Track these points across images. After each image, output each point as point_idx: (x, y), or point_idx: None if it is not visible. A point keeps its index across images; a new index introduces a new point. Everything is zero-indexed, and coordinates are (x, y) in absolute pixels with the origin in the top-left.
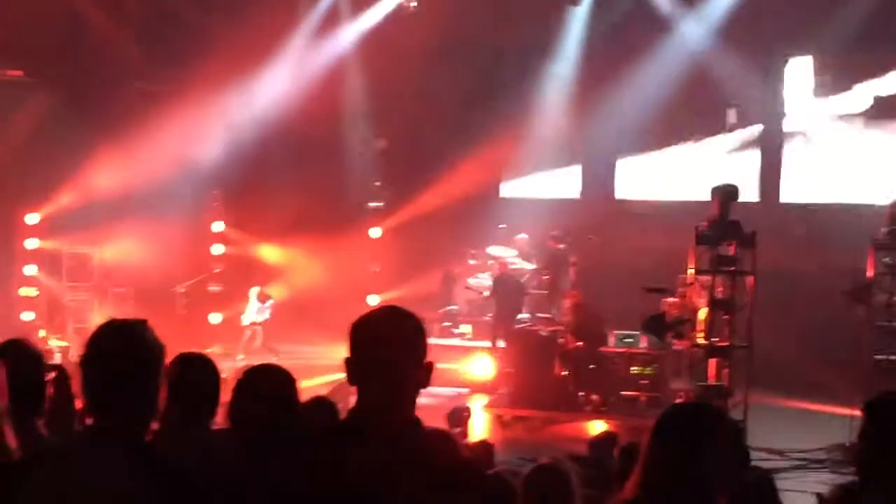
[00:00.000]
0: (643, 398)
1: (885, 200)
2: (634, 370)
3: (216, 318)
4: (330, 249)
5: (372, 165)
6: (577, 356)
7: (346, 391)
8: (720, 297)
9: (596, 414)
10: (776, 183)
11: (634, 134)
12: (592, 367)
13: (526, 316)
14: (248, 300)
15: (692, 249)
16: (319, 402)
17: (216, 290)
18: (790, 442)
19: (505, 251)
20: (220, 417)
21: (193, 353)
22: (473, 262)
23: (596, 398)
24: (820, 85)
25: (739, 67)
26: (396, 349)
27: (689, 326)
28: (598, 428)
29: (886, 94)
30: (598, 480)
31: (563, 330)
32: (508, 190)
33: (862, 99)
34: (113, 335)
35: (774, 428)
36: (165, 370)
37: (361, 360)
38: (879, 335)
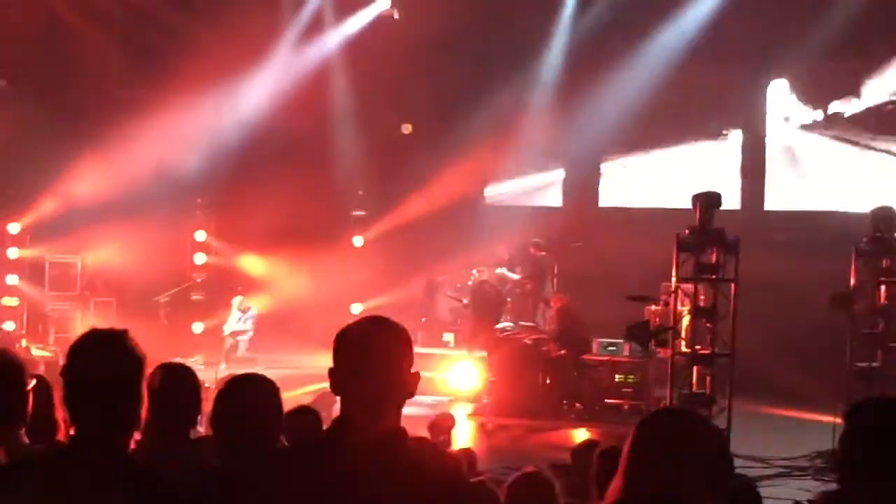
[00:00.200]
0: (626, 406)
1: (867, 208)
2: (618, 378)
3: (199, 327)
4: (313, 258)
5: (355, 174)
6: (560, 364)
7: (329, 400)
8: (703, 304)
9: (579, 422)
10: (760, 190)
11: (617, 141)
12: (576, 374)
13: (509, 324)
14: (230, 309)
15: (674, 257)
16: (303, 411)
17: (199, 299)
18: (774, 450)
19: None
20: (202, 426)
21: (174, 362)
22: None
23: (579, 406)
24: (803, 92)
25: (721, 74)
26: (381, 359)
27: (672, 334)
28: (581, 436)
29: (870, 102)
30: (580, 488)
31: (546, 338)
32: (492, 198)
33: (845, 107)
34: (94, 345)
35: (758, 436)
36: (147, 380)
37: (345, 369)
38: (861, 343)
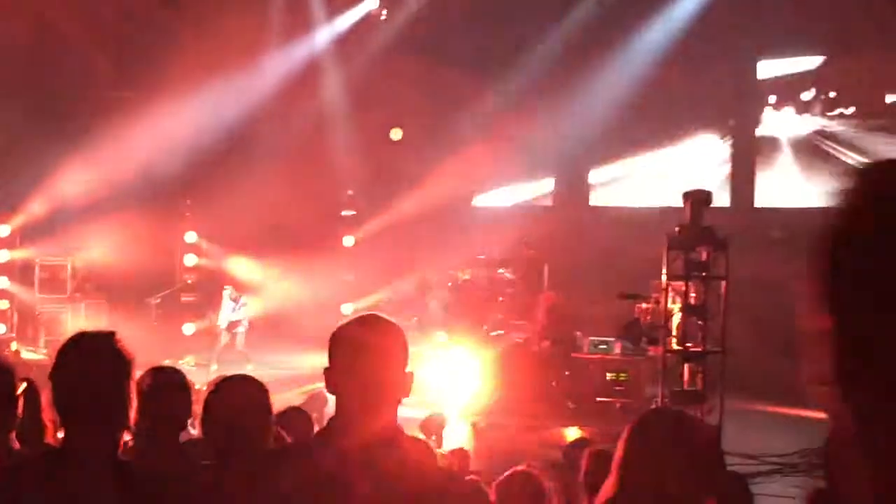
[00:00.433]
0: (618, 404)
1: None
2: (609, 376)
3: (190, 328)
4: (303, 259)
5: (344, 174)
6: (551, 363)
7: (321, 401)
8: (693, 302)
9: (571, 421)
10: (750, 187)
11: (607, 140)
12: (567, 373)
13: (499, 332)
14: (221, 303)
15: (665, 255)
16: (294, 411)
17: (189, 300)
18: (765, 446)
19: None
20: (194, 428)
21: (165, 365)
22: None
23: (571, 405)
24: (792, 89)
25: (711, 72)
26: (376, 358)
27: (663, 332)
28: (573, 435)
29: (858, 99)
30: (572, 487)
31: (536, 336)
32: (482, 198)
33: (835, 102)
34: (82, 347)
35: (749, 432)
36: (137, 383)
37: (340, 369)
38: None
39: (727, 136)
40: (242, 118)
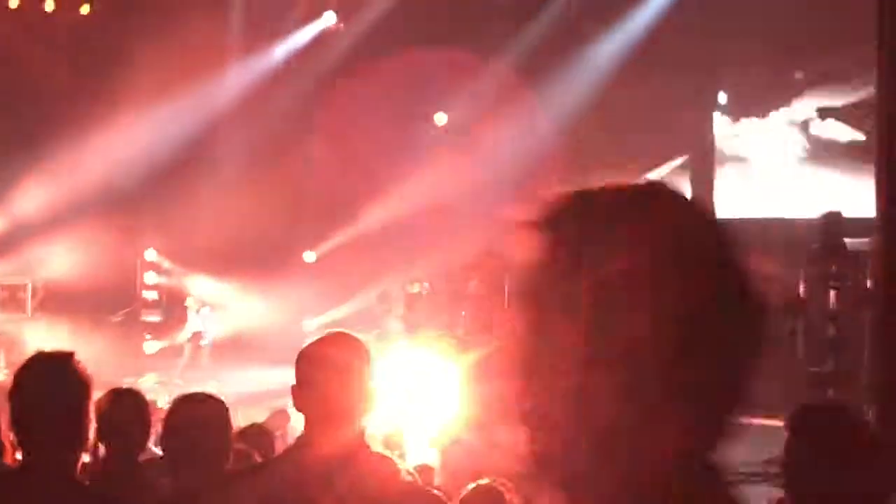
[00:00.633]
0: None
1: (816, 214)
2: None
3: (151, 346)
4: (264, 275)
5: (305, 188)
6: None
7: (283, 418)
8: None
9: None
10: (710, 199)
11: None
12: None
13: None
14: (184, 318)
15: None
16: (256, 429)
17: (151, 318)
18: (728, 456)
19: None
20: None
21: (124, 387)
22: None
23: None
24: (749, 100)
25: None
26: (339, 375)
27: None
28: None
29: (819, 107)
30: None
31: (501, 346)
32: (448, 208)
33: (792, 114)
34: (40, 368)
35: None
36: (95, 404)
37: (305, 386)
38: (813, 347)
39: (687, 148)
40: (201, 132)
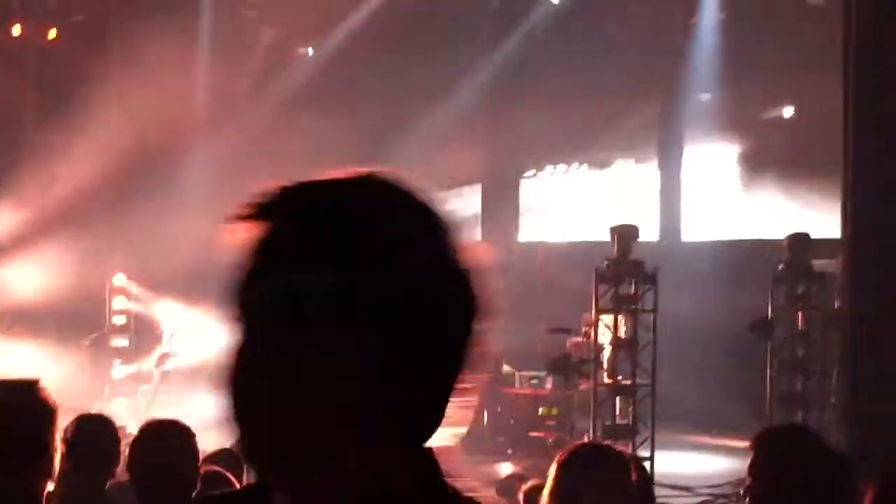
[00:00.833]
0: (551, 439)
1: (782, 235)
2: (541, 411)
3: (120, 372)
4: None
5: None
6: (482, 398)
7: None
8: (623, 335)
9: (504, 456)
10: (677, 221)
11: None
12: (499, 409)
13: None
14: (155, 340)
15: (594, 289)
16: (225, 454)
17: (119, 344)
18: (698, 478)
19: None
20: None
21: (91, 413)
22: None
23: (502, 440)
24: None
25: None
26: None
27: (594, 366)
28: (506, 470)
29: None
30: None
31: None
32: None
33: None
34: (4, 396)
35: (681, 464)
36: (63, 430)
37: None
38: (781, 368)
39: (654, 170)
40: (169, 155)
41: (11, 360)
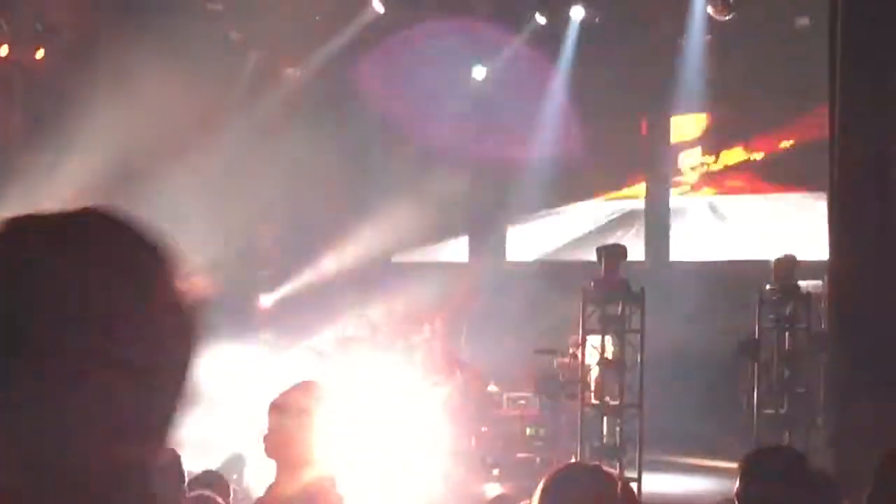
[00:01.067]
0: (538, 459)
1: (769, 256)
2: (529, 432)
3: None
4: (217, 320)
5: (260, 233)
6: (469, 419)
7: (238, 464)
8: (610, 356)
9: (491, 477)
10: (665, 242)
11: (524, 198)
12: (485, 429)
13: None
14: None
15: (581, 309)
16: (210, 475)
17: None
18: (685, 499)
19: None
20: None
21: None
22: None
23: (490, 461)
24: (707, 140)
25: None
26: (301, 420)
27: (581, 386)
28: (493, 491)
29: (766, 151)
30: None
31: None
32: (398, 256)
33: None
34: None
35: (668, 485)
36: None
37: (272, 433)
38: (768, 390)
39: (641, 191)
40: (154, 175)
41: None
